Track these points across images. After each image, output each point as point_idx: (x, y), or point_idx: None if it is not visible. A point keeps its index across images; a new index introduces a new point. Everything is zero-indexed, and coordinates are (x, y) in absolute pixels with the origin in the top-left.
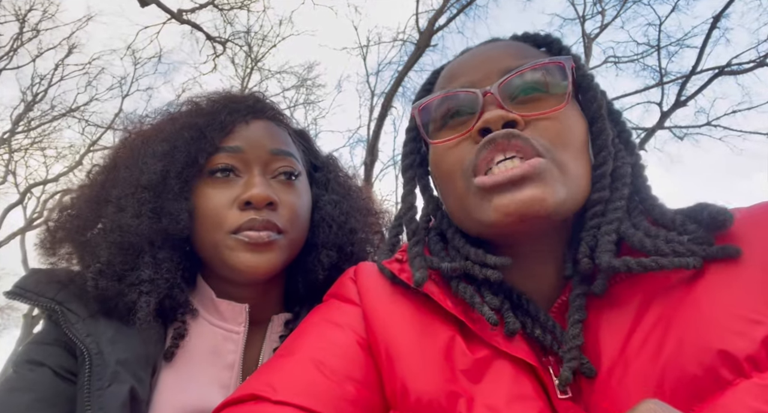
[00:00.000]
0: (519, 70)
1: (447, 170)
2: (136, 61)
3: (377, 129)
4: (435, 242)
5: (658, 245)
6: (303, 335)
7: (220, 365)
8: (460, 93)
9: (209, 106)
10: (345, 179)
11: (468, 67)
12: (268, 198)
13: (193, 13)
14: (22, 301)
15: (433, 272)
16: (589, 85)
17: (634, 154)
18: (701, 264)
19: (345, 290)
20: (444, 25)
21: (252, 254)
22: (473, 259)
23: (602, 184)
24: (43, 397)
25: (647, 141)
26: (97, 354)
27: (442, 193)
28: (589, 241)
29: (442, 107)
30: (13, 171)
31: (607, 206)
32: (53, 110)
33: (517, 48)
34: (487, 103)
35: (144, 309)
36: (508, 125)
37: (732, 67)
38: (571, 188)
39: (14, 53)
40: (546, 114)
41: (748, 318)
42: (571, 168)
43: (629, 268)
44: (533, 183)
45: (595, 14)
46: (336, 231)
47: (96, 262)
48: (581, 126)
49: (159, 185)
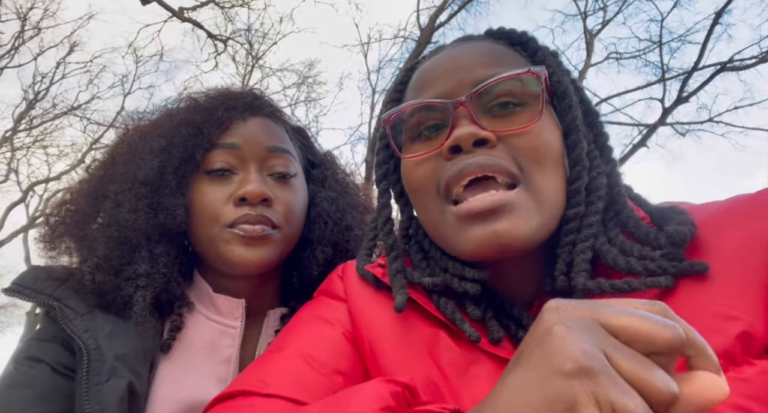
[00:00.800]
0: (489, 81)
1: (417, 186)
2: (138, 60)
3: (378, 127)
4: (415, 251)
5: (631, 263)
6: (293, 331)
7: (217, 359)
8: (431, 104)
9: (207, 102)
10: (342, 177)
11: (439, 74)
12: (263, 195)
13: (194, 11)
14: (20, 298)
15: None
16: (564, 93)
17: (611, 160)
18: (673, 283)
19: (333, 288)
20: (445, 21)
21: (246, 248)
22: (452, 272)
23: (577, 200)
24: (42, 393)
25: (649, 137)
26: (95, 350)
27: (416, 208)
28: (565, 258)
29: (413, 118)
30: (15, 169)
31: (582, 221)
32: (55, 108)
33: (490, 53)
34: (459, 116)
35: (140, 303)
36: (480, 143)
37: (734, 63)
38: (546, 211)
39: (16, 51)
40: (519, 130)
41: (722, 315)
42: (546, 189)
43: (603, 291)
44: (506, 214)
45: (597, 10)
46: (331, 228)
47: (93, 256)
48: (556, 138)
49: (156, 181)
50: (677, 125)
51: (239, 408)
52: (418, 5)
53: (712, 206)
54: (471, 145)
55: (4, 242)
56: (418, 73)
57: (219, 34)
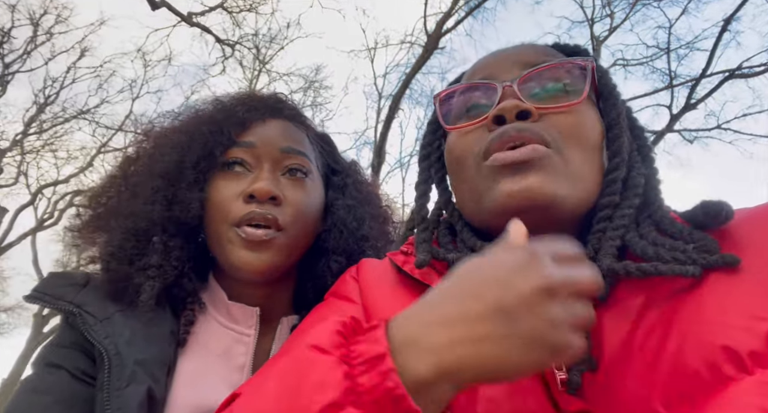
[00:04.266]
0: (540, 66)
1: (459, 154)
2: (147, 64)
3: (384, 131)
4: (444, 234)
5: (660, 252)
6: (300, 335)
7: (231, 366)
8: (481, 84)
9: (231, 103)
10: (364, 186)
11: (493, 62)
12: (270, 192)
13: (202, 16)
14: (41, 305)
15: (437, 264)
16: (611, 93)
17: (651, 167)
18: (700, 273)
19: (344, 289)
20: (452, 28)
21: (248, 252)
22: (479, 251)
23: (612, 189)
24: (61, 399)
25: (656, 144)
26: (115, 355)
27: (454, 180)
28: (594, 244)
29: (463, 97)
30: (24, 172)
31: (615, 211)
32: (65, 112)
33: (544, 49)
34: (506, 95)
35: (147, 292)
36: (523, 116)
37: (743, 70)
38: (575, 184)
39: (28, 56)
40: (561, 108)
41: (751, 315)
42: (577, 164)
43: (628, 272)
44: (536, 171)
45: (604, 17)
46: (347, 237)
47: (109, 245)
48: (596, 127)
49: (173, 174)
50: (685, 131)
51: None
52: (425, 11)
53: (742, 211)
54: (514, 116)
55: (13, 244)
56: (474, 64)
57: (227, 39)
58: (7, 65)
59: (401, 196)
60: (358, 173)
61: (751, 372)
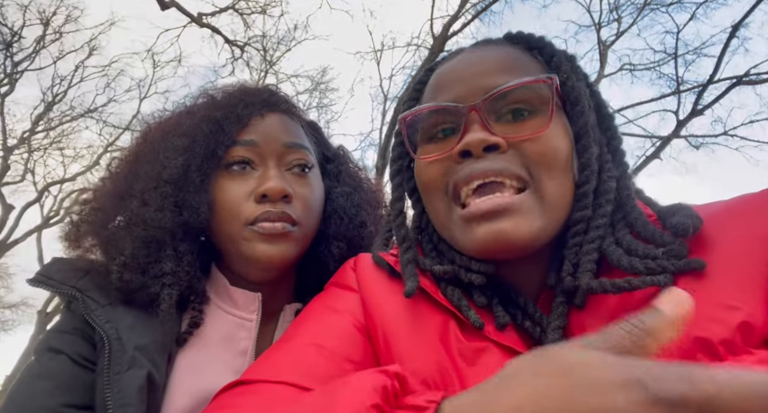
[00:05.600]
0: (501, 88)
1: (429, 185)
2: (156, 64)
3: (389, 133)
4: (427, 242)
5: (633, 263)
6: (303, 321)
7: (233, 351)
8: (445, 108)
9: (225, 99)
10: (356, 171)
11: (456, 79)
12: (284, 191)
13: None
14: (44, 288)
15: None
16: (577, 99)
17: (622, 164)
18: (672, 281)
19: (345, 279)
20: (458, 30)
21: (267, 245)
22: (459, 263)
23: (584, 203)
24: (62, 384)
25: (663, 149)
26: (116, 340)
27: (427, 206)
28: (572, 259)
29: (428, 120)
30: (31, 170)
31: (589, 224)
32: (72, 110)
33: (506, 59)
34: (471, 120)
35: (167, 301)
36: (490, 148)
37: (750, 77)
38: (551, 215)
39: (36, 55)
40: (528, 137)
41: (723, 305)
42: (554, 193)
43: (605, 290)
44: (510, 215)
45: (612, 21)
46: (347, 224)
47: (120, 255)
48: (565, 144)
49: (180, 179)
50: (691, 137)
51: (244, 394)
52: (432, 14)
53: (718, 205)
54: (481, 150)
55: (19, 241)
56: (436, 75)
57: (236, 40)
58: (17, 63)
59: None
60: (349, 160)
61: (723, 358)
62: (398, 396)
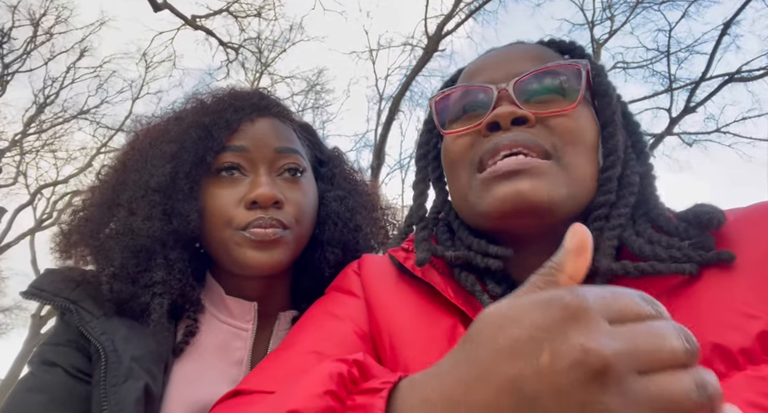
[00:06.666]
0: (535, 70)
1: (453, 159)
2: (149, 66)
3: (384, 133)
4: (442, 232)
5: (657, 250)
6: (302, 328)
7: (228, 361)
8: (477, 88)
9: (214, 104)
10: (350, 173)
11: (489, 65)
12: (274, 198)
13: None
14: (38, 300)
15: (437, 262)
16: (606, 92)
17: (646, 164)
18: (697, 270)
19: (347, 283)
20: (452, 30)
21: (258, 252)
22: (475, 249)
23: (608, 188)
24: (57, 397)
25: (656, 147)
26: (112, 352)
27: (450, 181)
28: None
29: (459, 101)
30: (24, 172)
31: (611, 210)
32: (65, 112)
33: (539, 51)
34: (501, 99)
35: (158, 311)
36: (518, 122)
37: (742, 73)
38: (574, 188)
39: (27, 56)
40: (557, 113)
41: (743, 313)
42: (578, 168)
43: (627, 272)
44: (530, 176)
45: (605, 20)
46: (341, 229)
47: (110, 265)
48: (592, 128)
49: (169, 187)
50: (684, 134)
51: (240, 405)
52: (426, 13)
53: (735, 211)
54: (509, 122)
55: (11, 244)
56: (469, 65)
57: (230, 42)
58: (7, 65)
59: (401, 197)
60: (343, 162)
61: (742, 368)
62: (357, 382)
